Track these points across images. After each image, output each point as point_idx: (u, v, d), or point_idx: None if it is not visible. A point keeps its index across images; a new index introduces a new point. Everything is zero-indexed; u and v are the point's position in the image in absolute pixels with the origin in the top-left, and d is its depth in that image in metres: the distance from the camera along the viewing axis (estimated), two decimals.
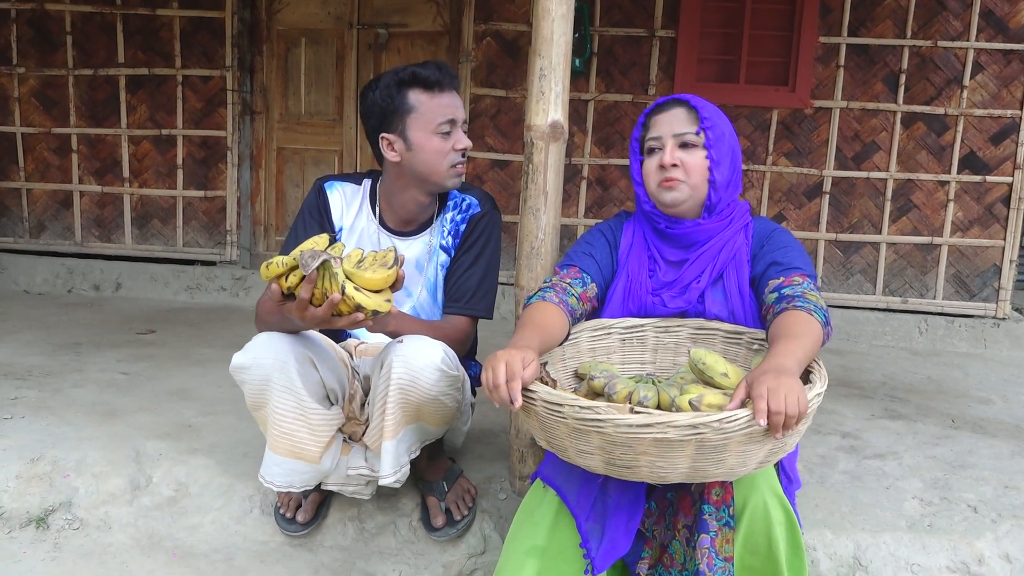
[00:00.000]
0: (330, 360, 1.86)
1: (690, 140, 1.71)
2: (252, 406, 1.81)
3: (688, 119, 1.72)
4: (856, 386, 3.40)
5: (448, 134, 1.94)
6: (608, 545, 1.52)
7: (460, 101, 1.98)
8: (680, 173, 1.71)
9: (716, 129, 1.72)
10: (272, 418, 1.78)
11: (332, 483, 1.94)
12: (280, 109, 4.74)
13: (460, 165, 1.98)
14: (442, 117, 1.92)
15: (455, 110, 1.95)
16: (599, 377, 1.63)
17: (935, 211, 4.38)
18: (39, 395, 2.72)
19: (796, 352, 1.41)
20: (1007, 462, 2.50)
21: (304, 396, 1.76)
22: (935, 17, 4.26)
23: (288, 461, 1.81)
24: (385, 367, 1.75)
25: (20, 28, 4.68)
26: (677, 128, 1.72)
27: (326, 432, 1.82)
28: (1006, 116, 4.26)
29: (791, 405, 1.26)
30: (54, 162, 4.78)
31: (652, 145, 1.76)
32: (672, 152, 1.71)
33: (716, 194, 1.73)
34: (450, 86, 1.95)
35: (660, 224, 1.77)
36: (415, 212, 2.04)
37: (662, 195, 1.74)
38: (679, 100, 1.75)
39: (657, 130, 1.75)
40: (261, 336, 1.77)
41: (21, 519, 2.14)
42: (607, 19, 4.41)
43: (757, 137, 4.41)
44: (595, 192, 4.52)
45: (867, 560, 1.98)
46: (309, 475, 1.85)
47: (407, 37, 4.60)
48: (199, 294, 4.66)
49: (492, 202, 2.09)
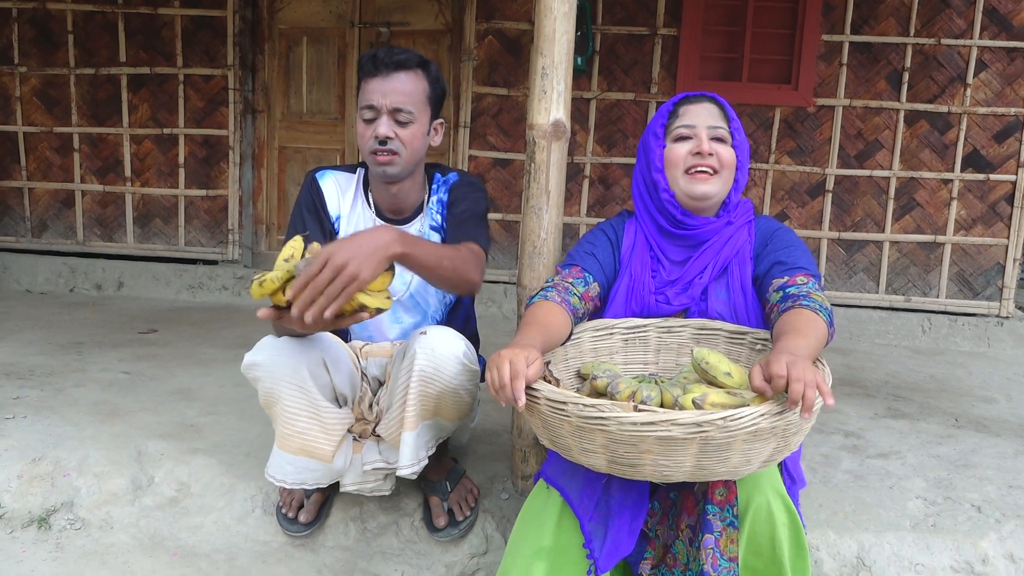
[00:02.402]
0: (342, 362, 1.86)
1: (723, 135, 1.72)
2: (264, 403, 1.81)
3: (720, 115, 1.74)
4: (859, 385, 3.39)
5: (369, 121, 1.88)
6: (611, 545, 1.52)
7: (401, 87, 1.87)
8: (715, 162, 1.71)
9: (740, 132, 1.75)
10: (283, 416, 1.78)
11: (349, 483, 1.94)
12: (282, 108, 4.74)
13: (380, 154, 1.87)
14: (363, 102, 1.89)
15: (381, 96, 1.86)
16: (602, 377, 1.62)
17: (938, 209, 4.37)
18: (41, 395, 2.72)
19: (802, 347, 1.40)
20: (1011, 461, 2.49)
21: (316, 396, 1.77)
22: (938, 15, 4.25)
23: (300, 459, 1.82)
24: (408, 357, 1.75)
25: (22, 27, 4.68)
26: (711, 121, 1.72)
27: (339, 430, 1.82)
28: (1010, 114, 4.25)
29: (809, 379, 1.26)
30: (56, 161, 4.78)
31: (683, 132, 1.73)
32: (708, 142, 1.71)
33: (736, 194, 1.75)
34: (387, 70, 1.86)
35: (676, 214, 1.74)
36: (397, 202, 2.01)
37: (693, 186, 1.71)
38: (709, 96, 1.77)
39: (690, 119, 1.73)
40: (277, 338, 1.77)
41: (23, 519, 2.14)
42: (609, 17, 4.41)
43: (760, 135, 4.40)
44: (597, 191, 4.51)
45: (871, 560, 1.97)
46: (321, 473, 1.86)
47: (409, 36, 4.59)
48: (201, 293, 4.66)
49: (469, 175, 2.08)
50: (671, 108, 1.77)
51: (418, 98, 1.90)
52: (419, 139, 1.92)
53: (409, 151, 1.90)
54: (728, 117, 1.74)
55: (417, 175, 2.02)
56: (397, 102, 1.86)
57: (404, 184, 1.98)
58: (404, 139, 1.88)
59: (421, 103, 1.91)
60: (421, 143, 1.93)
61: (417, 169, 2.00)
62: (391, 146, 1.87)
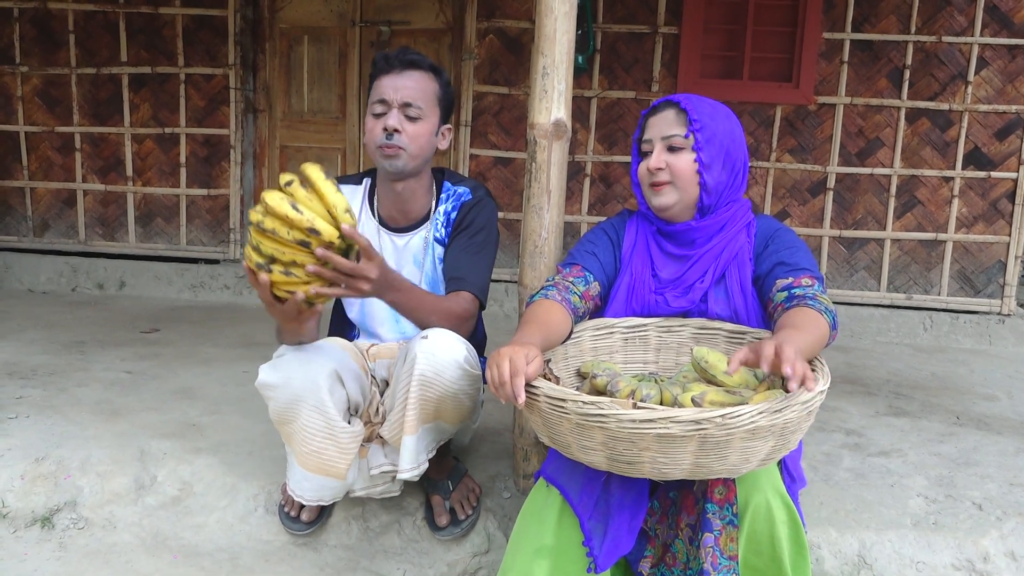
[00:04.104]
0: (354, 371, 1.85)
1: (677, 143, 1.71)
2: (277, 421, 1.81)
3: (677, 121, 1.72)
4: (860, 383, 3.39)
5: (379, 115, 1.91)
6: (611, 544, 1.52)
7: (412, 84, 1.91)
8: (666, 176, 1.71)
9: (707, 131, 1.70)
10: (300, 435, 1.78)
11: (359, 489, 1.94)
12: (283, 107, 4.74)
13: (387, 148, 1.89)
14: (375, 96, 1.92)
15: (393, 91, 1.90)
16: (602, 375, 1.63)
17: (939, 207, 4.37)
18: (44, 394, 2.72)
19: (798, 340, 1.38)
20: (1012, 459, 2.49)
21: (334, 416, 1.76)
22: (939, 12, 4.24)
23: (317, 478, 1.83)
24: (408, 361, 1.75)
25: (23, 27, 4.68)
26: (665, 131, 1.72)
27: (353, 449, 1.83)
28: (1011, 112, 4.24)
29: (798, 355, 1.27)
30: (57, 161, 4.79)
31: (645, 148, 1.77)
32: (659, 155, 1.72)
33: (708, 197, 1.72)
34: (400, 67, 1.91)
35: (661, 225, 1.79)
36: (402, 204, 2.01)
37: (652, 199, 1.76)
38: (671, 102, 1.75)
39: (649, 132, 1.76)
40: (290, 353, 1.76)
41: (26, 519, 2.15)
42: (610, 16, 4.40)
43: (760, 133, 4.40)
44: (598, 189, 4.51)
45: (872, 558, 1.97)
46: (338, 490, 1.89)
47: (410, 34, 4.59)
48: (203, 292, 4.67)
49: (485, 191, 2.07)
50: (641, 122, 1.80)
51: (428, 97, 1.94)
52: (426, 137, 1.94)
53: (416, 147, 1.92)
54: (689, 119, 1.70)
55: (424, 177, 2.02)
56: (408, 97, 1.90)
57: (410, 183, 1.99)
58: (411, 134, 1.91)
59: (431, 102, 1.95)
60: (428, 141, 1.95)
61: (424, 170, 2.01)
62: (398, 140, 1.90)
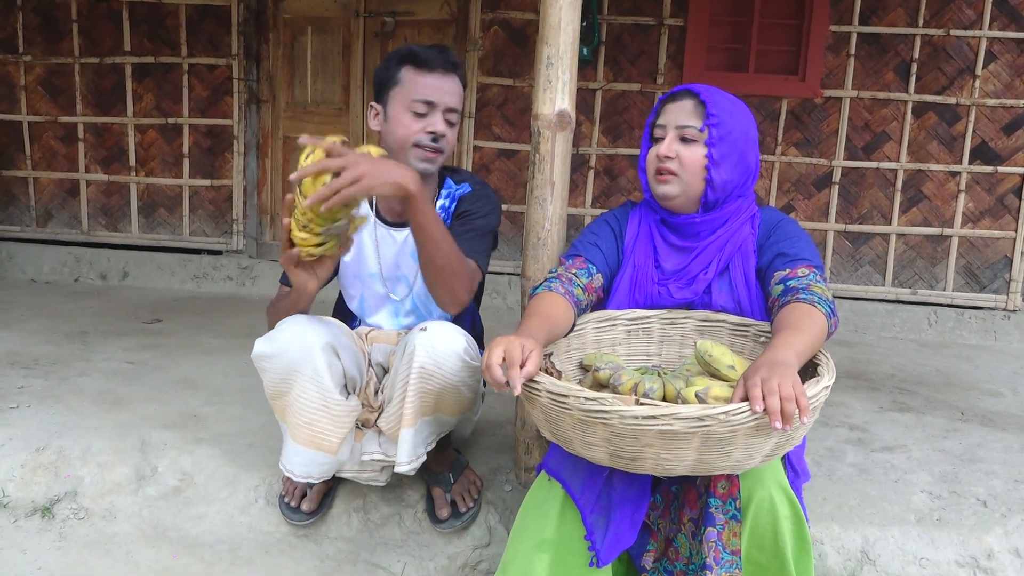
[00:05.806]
0: (350, 348, 1.86)
1: (690, 135, 1.69)
2: (272, 395, 1.81)
3: (694, 112, 1.69)
4: (864, 378, 3.38)
5: (422, 115, 1.89)
6: (613, 538, 1.51)
7: (454, 88, 1.92)
8: (674, 166, 1.69)
9: (722, 127, 1.68)
10: (294, 407, 1.78)
11: (347, 471, 1.95)
12: (286, 98, 4.72)
13: (428, 151, 1.90)
14: (419, 95, 1.89)
15: (440, 94, 1.89)
16: (604, 368, 1.62)
17: (946, 202, 4.34)
18: (45, 384, 2.72)
19: (796, 344, 1.40)
20: (1017, 456, 2.48)
21: (329, 387, 1.76)
22: (948, 5, 4.21)
23: (308, 451, 1.82)
24: (408, 352, 1.74)
25: (26, 16, 4.67)
26: (681, 120, 1.70)
27: (347, 423, 1.82)
28: (1019, 106, 4.21)
29: (786, 393, 1.25)
30: (60, 151, 4.78)
31: (657, 134, 1.75)
32: (670, 144, 1.70)
33: (713, 193, 1.71)
34: (444, 70, 1.90)
35: (663, 214, 1.77)
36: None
37: (654, 187, 1.74)
38: (691, 92, 1.72)
39: (664, 118, 1.73)
40: (286, 324, 1.76)
41: (27, 508, 2.15)
42: (615, 7, 4.38)
43: (766, 127, 4.38)
44: (602, 182, 4.50)
45: (875, 554, 1.96)
46: (327, 466, 1.86)
47: (414, 25, 4.57)
48: (205, 283, 4.66)
49: (485, 185, 2.06)
50: (657, 107, 1.78)
51: (462, 103, 1.98)
52: (455, 141, 1.99)
53: (449, 150, 1.96)
54: (706, 112, 1.68)
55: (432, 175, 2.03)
56: (452, 103, 1.92)
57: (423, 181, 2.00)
58: (450, 139, 1.95)
59: (462, 108, 1.99)
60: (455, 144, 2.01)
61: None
62: (440, 144, 1.92)
